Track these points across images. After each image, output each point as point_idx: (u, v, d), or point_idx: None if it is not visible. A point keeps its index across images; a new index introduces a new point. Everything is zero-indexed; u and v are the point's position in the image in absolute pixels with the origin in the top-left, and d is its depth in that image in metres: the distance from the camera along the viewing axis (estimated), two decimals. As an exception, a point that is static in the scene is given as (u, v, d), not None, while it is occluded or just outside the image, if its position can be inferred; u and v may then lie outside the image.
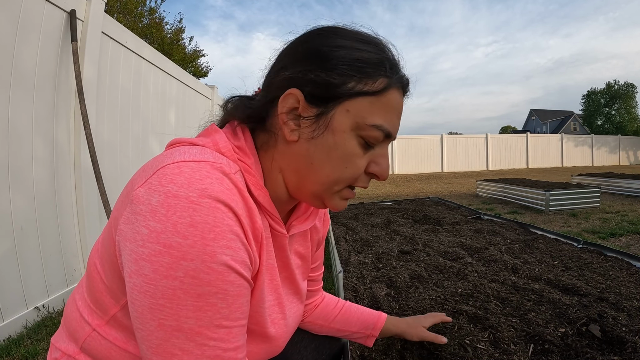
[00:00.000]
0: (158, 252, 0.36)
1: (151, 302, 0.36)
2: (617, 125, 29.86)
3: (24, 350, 1.54)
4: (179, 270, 0.35)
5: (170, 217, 0.36)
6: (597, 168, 15.74)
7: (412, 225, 2.84)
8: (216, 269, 0.36)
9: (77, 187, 2.24)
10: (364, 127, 0.46)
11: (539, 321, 1.09)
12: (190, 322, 0.36)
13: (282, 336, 0.55)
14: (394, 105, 0.47)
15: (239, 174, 0.44)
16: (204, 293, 0.36)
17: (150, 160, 0.44)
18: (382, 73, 0.46)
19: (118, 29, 2.67)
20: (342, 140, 0.46)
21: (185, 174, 0.38)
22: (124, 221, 0.39)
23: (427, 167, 16.26)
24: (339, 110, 0.45)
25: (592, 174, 7.00)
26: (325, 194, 0.49)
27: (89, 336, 0.47)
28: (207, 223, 0.36)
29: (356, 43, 0.46)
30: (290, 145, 0.48)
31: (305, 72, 0.45)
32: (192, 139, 0.48)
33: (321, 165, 0.47)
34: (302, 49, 0.48)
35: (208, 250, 0.36)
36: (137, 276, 0.36)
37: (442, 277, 1.58)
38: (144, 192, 0.38)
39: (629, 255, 1.71)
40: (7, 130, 1.72)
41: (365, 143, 0.47)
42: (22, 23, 1.80)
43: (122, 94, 2.79)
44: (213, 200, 0.37)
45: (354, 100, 0.45)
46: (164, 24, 13.87)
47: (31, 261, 1.85)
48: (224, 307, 0.38)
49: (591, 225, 3.57)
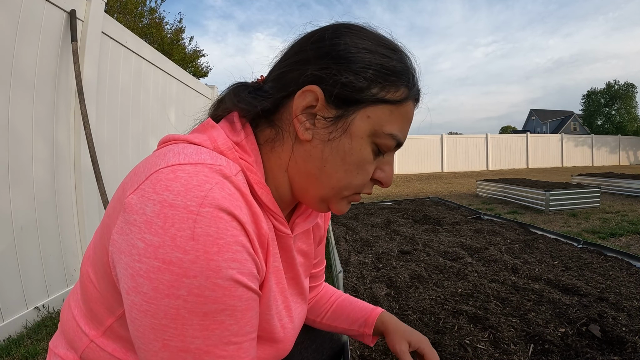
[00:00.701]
0: (157, 268, 0.33)
1: (153, 322, 0.33)
2: (617, 125, 29.86)
3: (24, 350, 1.54)
4: (182, 288, 0.33)
5: (168, 230, 0.33)
6: (597, 168, 15.74)
7: (412, 225, 2.84)
8: (222, 284, 0.34)
9: (77, 187, 2.24)
10: (381, 135, 0.45)
11: (539, 321, 1.08)
12: (197, 342, 0.34)
13: (289, 339, 0.54)
14: (408, 116, 0.47)
15: (240, 175, 0.41)
16: (210, 311, 0.34)
17: (142, 162, 0.40)
18: (404, 83, 0.45)
19: (118, 29, 2.67)
20: (358, 146, 0.45)
21: (181, 180, 0.35)
22: (117, 231, 0.36)
23: (427, 167, 16.25)
24: (360, 116, 0.44)
25: (592, 174, 7.00)
26: (333, 198, 0.48)
27: (87, 347, 0.45)
28: (209, 235, 0.33)
29: (381, 48, 0.45)
30: (302, 144, 0.46)
31: (330, 71, 0.43)
32: (187, 135, 0.44)
33: (334, 170, 0.45)
34: (328, 45, 0.45)
35: (212, 265, 0.33)
36: (135, 294, 0.34)
37: (442, 277, 1.58)
38: (136, 200, 0.35)
39: (629, 255, 1.71)
40: (7, 130, 1.72)
41: (378, 150, 0.47)
42: (22, 23, 1.80)
43: (122, 94, 2.78)
44: (215, 208, 0.34)
45: (376, 107, 0.44)
46: (164, 24, 13.88)
47: (31, 261, 1.85)
48: (233, 323, 0.36)
49: (591, 225, 3.57)
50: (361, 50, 0.44)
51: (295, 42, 0.48)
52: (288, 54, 0.48)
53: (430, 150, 16.43)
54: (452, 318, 1.15)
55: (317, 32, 0.47)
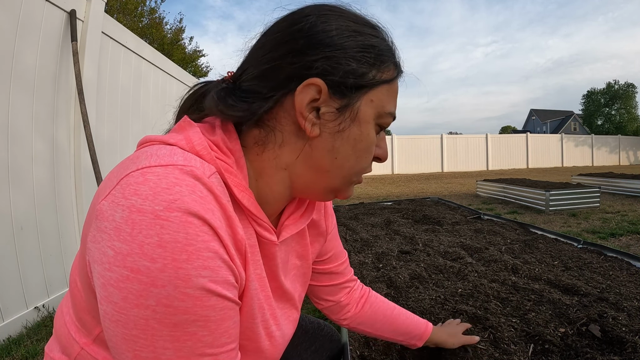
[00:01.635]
0: (125, 277, 0.31)
1: (124, 332, 0.32)
2: (617, 125, 29.88)
3: (24, 350, 1.54)
4: (150, 298, 0.31)
5: (136, 237, 0.31)
6: (597, 168, 15.74)
7: (412, 225, 2.84)
8: (192, 294, 0.32)
9: (77, 187, 2.24)
10: (382, 116, 0.45)
11: (539, 321, 1.08)
12: (168, 353, 0.33)
13: (277, 348, 0.52)
14: (397, 91, 0.48)
15: (215, 177, 0.38)
16: (180, 322, 0.32)
17: (117, 165, 0.39)
18: (392, 60, 0.46)
19: (118, 29, 2.67)
20: (366, 131, 0.45)
21: (150, 183, 0.33)
22: (91, 239, 0.35)
23: (427, 167, 16.26)
24: (365, 101, 0.44)
25: (592, 174, 7.01)
26: (343, 186, 0.48)
27: (78, 354, 0.45)
28: (177, 242, 0.31)
29: (366, 28, 0.45)
30: (309, 140, 0.44)
31: (330, 60, 0.41)
32: (163, 136, 0.42)
33: (346, 159, 0.45)
34: (320, 32, 0.42)
35: (181, 274, 0.31)
36: (107, 303, 0.33)
37: (442, 277, 1.58)
38: (107, 206, 0.33)
39: (629, 255, 1.71)
40: (7, 130, 1.72)
41: (379, 129, 0.47)
42: (22, 23, 1.80)
43: (122, 94, 2.79)
44: (183, 213, 0.32)
45: (376, 89, 0.44)
46: (164, 24, 13.90)
47: (31, 261, 1.85)
48: (206, 334, 0.34)
49: (591, 225, 3.57)
50: (352, 33, 0.43)
51: (272, 32, 0.44)
52: (266, 46, 0.44)
53: (430, 150, 16.44)
54: (452, 318, 1.15)
55: (297, 19, 0.43)
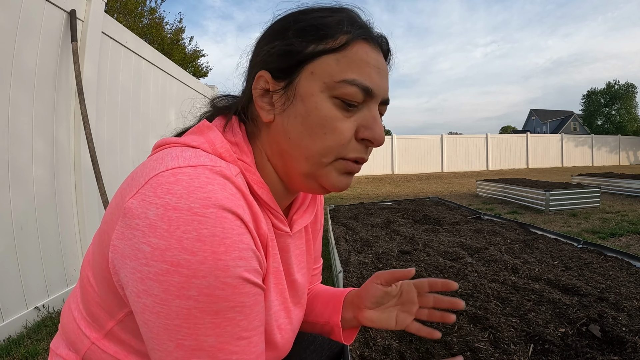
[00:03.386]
0: (166, 271, 0.33)
1: (166, 322, 0.34)
2: (617, 125, 29.86)
3: (24, 350, 1.54)
4: (192, 289, 0.34)
5: (174, 233, 0.33)
6: (597, 168, 15.74)
7: (412, 225, 2.84)
8: (231, 283, 0.35)
9: (77, 187, 2.24)
10: (335, 86, 0.43)
11: (539, 321, 1.08)
12: (210, 340, 0.35)
13: (288, 341, 0.53)
14: (364, 58, 0.44)
15: (240, 177, 0.42)
16: (221, 309, 0.35)
17: (139, 167, 0.41)
18: (341, 30, 0.44)
19: (118, 29, 2.67)
20: (312, 105, 0.43)
21: (183, 182, 0.35)
22: (118, 237, 0.36)
23: (427, 167, 16.26)
24: (304, 75, 0.44)
25: (592, 174, 7.01)
26: (316, 170, 0.45)
27: (88, 349, 0.45)
28: (215, 236, 0.34)
29: (316, 12, 0.46)
30: (269, 127, 0.47)
31: (266, 50, 0.45)
32: (183, 138, 0.44)
33: (299, 137, 0.44)
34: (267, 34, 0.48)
35: (220, 264, 0.34)
36: (146, 296, 0.34)
37: (442, 277, 1.58)
38: (137, 204, 0.35)
39: (629, 255, 1.71)
40: (7, 130, 1.72)
41: (344, 103, 0.44)
42: (22, 23, 1.80)
43: (122, 94, 2.78)
44: (219, 209, 0.35)
45: (317, 61, 0.43)
46: (164, 24, 13.88)
47: (31, 261, 1.85)
48: (242, 319, 0.37)
49: (591, 225, 3.57)
50: (292, 22, 0.45)
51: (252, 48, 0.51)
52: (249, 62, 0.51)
53: (430, 150, 16.44)
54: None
55: (262, 32, 0.49)
